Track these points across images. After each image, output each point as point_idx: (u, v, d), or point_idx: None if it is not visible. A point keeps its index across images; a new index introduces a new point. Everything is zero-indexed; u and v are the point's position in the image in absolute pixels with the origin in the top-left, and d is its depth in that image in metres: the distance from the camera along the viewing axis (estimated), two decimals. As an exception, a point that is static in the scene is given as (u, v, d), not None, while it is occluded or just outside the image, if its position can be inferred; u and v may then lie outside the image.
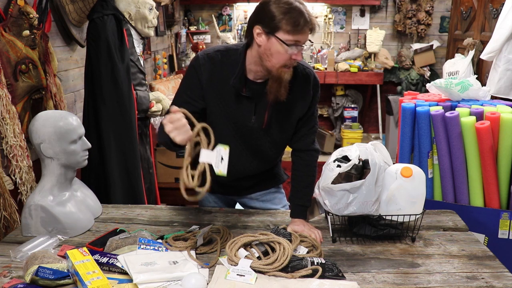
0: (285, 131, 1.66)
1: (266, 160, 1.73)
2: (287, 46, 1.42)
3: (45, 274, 1.22)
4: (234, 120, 1.59)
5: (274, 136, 1.65)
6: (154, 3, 2.51)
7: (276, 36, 1.42)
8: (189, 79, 1.60)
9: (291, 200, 1.68)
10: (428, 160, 2.06)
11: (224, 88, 1.56)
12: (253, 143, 1.65)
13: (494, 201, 1.97)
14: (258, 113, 1.59)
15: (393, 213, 1.47)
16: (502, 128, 1.90)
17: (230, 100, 1.57)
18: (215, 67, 1.56)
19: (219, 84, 1.56)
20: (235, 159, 1.53)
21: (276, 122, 1.62)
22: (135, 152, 2.34)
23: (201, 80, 1.56)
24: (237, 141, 1.62)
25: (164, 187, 3.25)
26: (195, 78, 1.57)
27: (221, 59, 1.56)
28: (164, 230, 1.61)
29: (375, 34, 4.74)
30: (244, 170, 1.70)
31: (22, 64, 1.92)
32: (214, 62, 1.56)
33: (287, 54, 1.44)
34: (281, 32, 1.41)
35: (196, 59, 1.58)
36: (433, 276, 1.32)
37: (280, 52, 1.43)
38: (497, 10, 3.38)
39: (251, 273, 1.27)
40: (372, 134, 5.11)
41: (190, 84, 1.59)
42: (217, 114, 1.59)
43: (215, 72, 1.56)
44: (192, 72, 1.58)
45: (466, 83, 2.12)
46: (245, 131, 1.61)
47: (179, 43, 4.78)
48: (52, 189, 1.56)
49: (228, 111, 1.58)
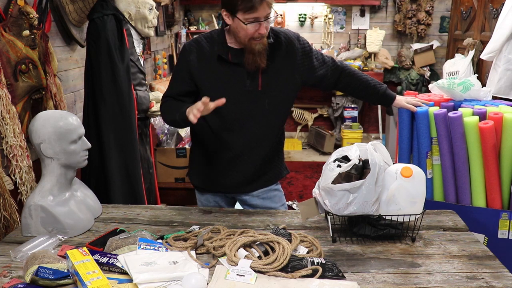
0: (284, 90, 1.79)
1: (269, 126, 1.82)
2: (247, 24, 1.60)
3: (45, 274, 1.22)
4: (229, 90, 1.71)
5: (273, 98, 1.77)
6: (154, 3, 2.51)
7: (237, 16, 1.61)
8: (179, 65, 1.78)
9: (374, 98, 1.97)
10: (427, 160, 2.06)
11: (212, 63, 1.72)
12: (253, 107, 1.76)
13: (496, 201, 1.97)
14: (251, 78, 1.73)
15: (393, 213, 1.47)
16: (505, 128, 1.90)
17: (220, 72, 1.73)
18: (201, 48, 1.73)
19: (208, 61, 1.72)
20: (238, 129, 1.75)
21: (273, 84, 1.76)
22: (135, 152, 2.34)
23: (190, 63, 1.73)
24: (237, 110, 1.74)
25: (164, 187, 3.25)
26: (184, 63, 1.75)
27: (205, 40, 1.75)
28: (164, 230, 1.61)
29: (375, 34, 4.74)
30: (250, 141, 1.80)
31: (22, 64, 1.92)
32: (199, 44, 1.74)
33: (251, 30, 1.62)
34: (240, 13, 1.60)
35: (183, 48, 1.78)
36: (433, 276, 1.32)
37: (244, 29, 1.62)
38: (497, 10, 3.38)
39: (251, 273, 1.27)
40: (372, 134, 5.12)
41: (180, 72, 1.78)
42: (212, 89, 1.71)
43: (202, 51, 1.73)
44: (181, 59, 1.77)
45: (468, 83, 2.12)
46: (242, 97, 1.74)
47: (179, 43, 4.77)
48: (52, 189, 1.56)
49: (221, 83, 1.72)
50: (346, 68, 1.92)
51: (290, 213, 1.77)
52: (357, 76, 1.92)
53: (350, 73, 1.92)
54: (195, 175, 1.94)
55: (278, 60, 1.75)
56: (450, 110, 2.03)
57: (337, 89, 2.04)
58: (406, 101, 2.02)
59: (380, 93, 1.94)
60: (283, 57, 1.76)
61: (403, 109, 2.05)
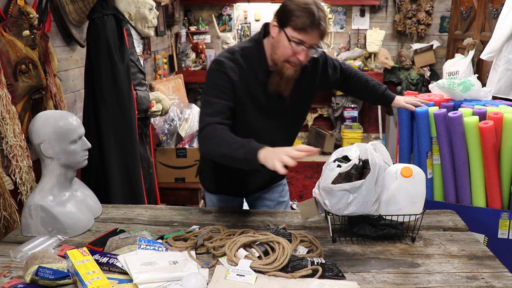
0: (307, 103, 1.78)
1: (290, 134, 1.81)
2: (291, 42, 1.48)
3: (45, 274, 1.22)
4: (264, 110, 1.64)
5: (297, 110, 1.76)
6: (154, 3, 2.51)
7: (284, 30, 1.48)
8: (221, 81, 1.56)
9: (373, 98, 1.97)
10: (427, 160, 2.06)
11: (251, 83, 1.60)
12: (278, 119, 1.70)
13: (496, 201, 1.97)
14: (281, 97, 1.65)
15: (393, 213, 1.47)
16: (505, 128, 1.90)
17: (257, 92, 1.61)
18: (240, 68, 1.58)
19: (248, 82, 1.59)
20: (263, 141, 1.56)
21: (299, 98, 1.71)
22: (135, 152, 2.34)
23: (233, 82, 1.56)
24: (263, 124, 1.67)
25: (164, 187, 3.25)
26: (226, 81, 1.55)
27: (242, 59, 1.59)
28: (164, 230, 1.61)
29: (375, 34, 4.74)
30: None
31: (22, 64, 1.92)
32: (237, 63, 1.58)
33: (291, 50, 1.49)
34: (289, 28, 1.47)
35: (221, 64, 1.56)
36: (433, 276, 1.32)
37: (285, 47, 1.50)
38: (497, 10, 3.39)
39: (251, 273, 1.27)
40: (372, 134, 5.12)
41: (223, 89, 1.55)
42: (249, 110, 1.62)
43: (242, 72, 1.58)
44: (222, 76, 1.56)
45: (468, 83, 2.12)
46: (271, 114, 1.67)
47: (179, 43, 4.78)
48: (52, 189, 1.56)
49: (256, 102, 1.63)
50: (349, 70, 1.93)
51: (290, 213, 1.77)
52: (358, 76, 1.93)
53: (352, 74, 1.93)
54: (209, 180, 1.90)
55: (304, 73, 1.68)
56: (450, 110, 2.04)
57: (338, 89, 2.05)
58: (405, 101, 2.02)
59: (379, 94, 1.95)
60: (309, 71, 1.71)
61: (403, 109, 2.06)
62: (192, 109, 3.48)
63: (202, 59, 4.88)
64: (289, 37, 1.48)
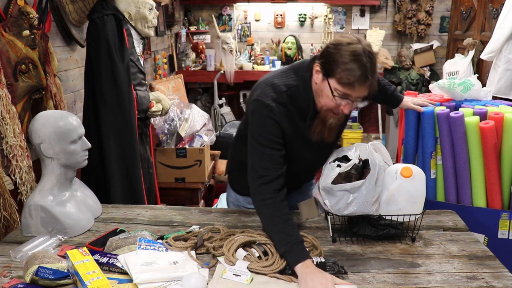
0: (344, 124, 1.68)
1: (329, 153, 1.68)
2: (334, 95, 1.37)
3: (45, 274, 1.22)
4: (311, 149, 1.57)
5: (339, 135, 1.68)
6: (154, 3, 2.51)
7: (328, 80, 1.37)
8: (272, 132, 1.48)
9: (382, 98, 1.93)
10: (431, 160, 2.06)
11: (300, 125, 1.51)
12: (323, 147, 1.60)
13: (497, 202, 1.96)
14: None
15: (393, 213, 1.47)
16: (505, 128, 1.90)
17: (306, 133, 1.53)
18: (289, 112, 1.49)
19: (296, 124, 1.51)
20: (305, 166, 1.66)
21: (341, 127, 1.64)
22: (135, 152, 2.34)
23: (284, 128, 1.48)
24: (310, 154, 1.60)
25: (164, 187, 3.25)
26: (278, 130, 1.48)
27: (289, 99, 1.49)
28: (164, 230, 1.61)
29: (375, 34, 4.74)
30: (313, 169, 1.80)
31: (22, 64, 1.92)
32: (286, 106, 1.48)
33: (333, 103, 1.40)
34: (334, 79, 1.35)
35: (271, 110, 1.46)
36: (433, 276, 1.32)
37: (328, 98, 1.39)
38: (497, 10, 3.39)
39: (247, 274, 1.28)
40: (372, 134, 5.12)
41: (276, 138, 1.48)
42: (296, 146, 1.54)
43: (291, 115, 1.50)
44: (273, 124, 1.47)
45: (468, 83, 2.12)
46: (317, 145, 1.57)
47: (179, 43, 4.78)
48: (52, 189, 1.56)
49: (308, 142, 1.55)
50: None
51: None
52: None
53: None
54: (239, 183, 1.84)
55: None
56: (451, 110, 2.04)
57: None
58: (413, 102, 2.02)
59: (388, 94, 1.95)
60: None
61: (410, 110, 2.06)
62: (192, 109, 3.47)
63: (202, 59, 4.88)
64: (332, 89, 1.36)
